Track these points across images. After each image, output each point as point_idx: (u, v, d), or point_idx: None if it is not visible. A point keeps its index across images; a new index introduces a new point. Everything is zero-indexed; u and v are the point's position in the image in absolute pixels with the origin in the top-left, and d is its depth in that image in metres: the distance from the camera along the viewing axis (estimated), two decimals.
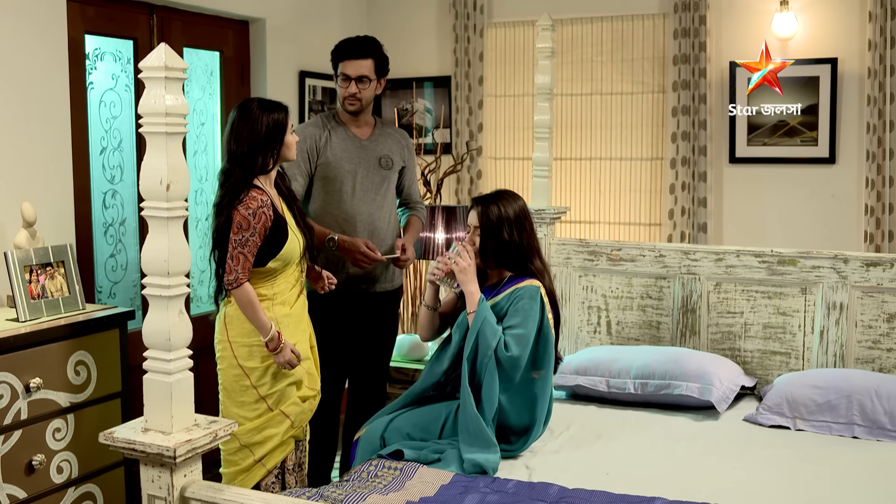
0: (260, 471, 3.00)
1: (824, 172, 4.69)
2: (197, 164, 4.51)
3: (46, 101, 3.51)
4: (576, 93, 5.21)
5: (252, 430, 2.98)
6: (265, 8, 4.70)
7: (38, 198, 3.43)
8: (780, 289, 3.81)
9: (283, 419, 3.01)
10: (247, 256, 2.93)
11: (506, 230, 3.06)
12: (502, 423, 2.98)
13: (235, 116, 3.05)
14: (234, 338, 2.99)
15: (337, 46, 3.66)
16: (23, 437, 2.93)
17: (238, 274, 2.91)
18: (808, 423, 3.32)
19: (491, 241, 3.08)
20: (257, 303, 2.94)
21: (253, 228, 2.92)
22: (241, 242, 2.92)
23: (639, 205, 5.14)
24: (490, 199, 3.12)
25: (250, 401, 2.99)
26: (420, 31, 5.51)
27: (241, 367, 2.98)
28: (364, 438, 3.04)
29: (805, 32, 4.65)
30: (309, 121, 3.81)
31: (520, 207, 3.12)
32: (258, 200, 2.93)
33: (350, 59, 3.59)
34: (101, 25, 3.86)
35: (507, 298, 3.05)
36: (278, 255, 2.99)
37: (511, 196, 3.15)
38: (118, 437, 2.07)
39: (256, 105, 3.06)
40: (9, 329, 2.93)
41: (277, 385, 3.00)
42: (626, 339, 4.10)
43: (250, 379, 2.98)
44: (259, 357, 2.98)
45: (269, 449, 3.00)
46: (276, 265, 3.01)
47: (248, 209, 2.91)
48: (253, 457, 2.98)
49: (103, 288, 4.00)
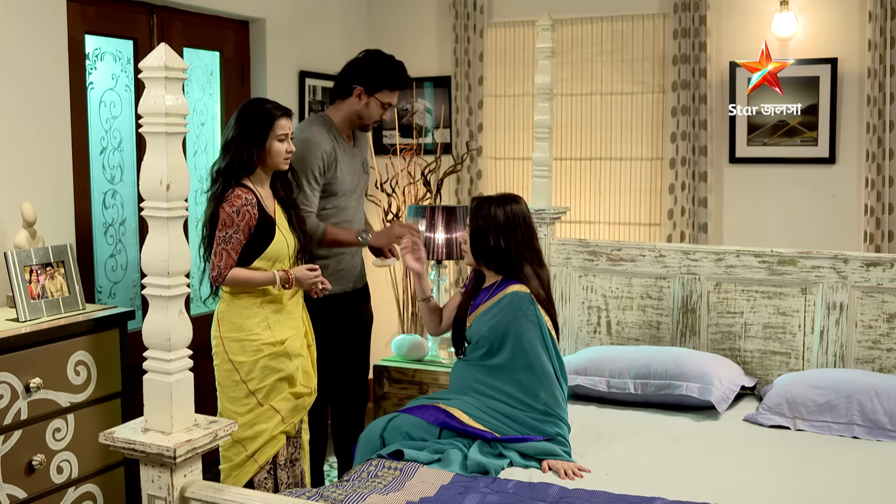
0: (252, 466, 3.03)
1: (824, 172, 4.69)
2: (197, 164, 4.51)
3: (46, 101, 3.51)
4: (576, 93, 5.21)
5: (243, 426, 3.02)
6: (265, 8, 4.70)
7: (38, 198, 3.43)
8: (780, 289, 3.80)
9: (274, 414, 3.05)
10: (230, 253, 2.98)
11: (491, 235, 3.05)
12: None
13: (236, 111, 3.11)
14: (225, 333, 3.04)
15: (392, 75, 3.56)
16: (23, 438, 2.93)
17: (221, 270, 2.98)
18: (808, 423, 3.32)
19: (477, 243, 3.09)
20: (249, 273, 3.00)
21: (237, 226, 2.96)
22: (225, 239, 2.97)
23: (639, 205, 5.14)
24: (485, 202, 3.11)
25: (241, 395, 3.04)
26: (420, 30, 5.51)
27: (231, 363, 3.04)
28: (364, 438, 3.04)
29: (805, 32, 4.65)
30: (316, 129, 3.57)
31: (513, 213, 3.07)
32: (242, 198, 2.97)
33: (401, 91, 3.63)
34: (101, 25, 3.86)
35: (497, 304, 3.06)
36: (263, 254, 3.03)
37: (510, 200, 3.11)
38: (118, 437, 2.07)
39: (258, 100, 3.13)
40: (9, 329, 2.93)
41: (266, 380, 3.04)
42: (626, 339, 4.10)
43: (240, 373, 3.03)
44: (248, 351, 3.03)
45: (260, 444, 3.04)
46: (262, 265, 3.05)
47: (233, 206, 2.96)
48: (245, 452, 3.02)
49: (103, 288, 4.00)
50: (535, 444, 2.92)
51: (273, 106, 3.08)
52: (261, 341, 3.05)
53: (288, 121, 3.11)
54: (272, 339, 3.07)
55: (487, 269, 3.15)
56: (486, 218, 3.06)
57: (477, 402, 3.01)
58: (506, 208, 3.07)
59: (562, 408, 3.01)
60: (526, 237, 3.09)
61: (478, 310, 3.13)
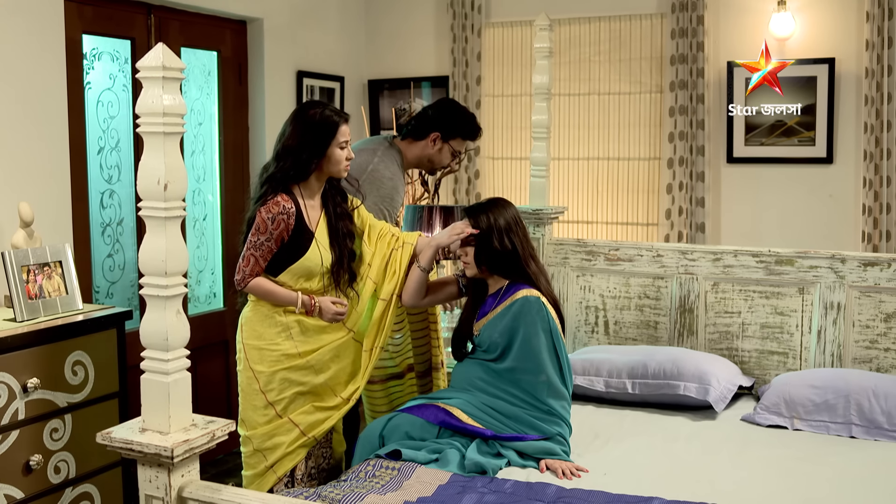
0: (271, 477, 2.96)
1: (822, 172, 4.70)
2: (194, 163, 4.51)
3: (44, 100, 3.50)
4: (573, 93, 5.21)
5: (263, 436, 2.95)
6: (263, 8, 4.70)
7: (36, 198, 3.43)
8: (778, 289, 3.81)
9: (292, 428, 2.96)
10: (258, 260, 2.88)
11: (495, 238, 3.05)
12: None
13: (291, 114, 2.98)
14: (247, 339, 2.96)
15: (471, 127, 3.60)
16: (20, 438, 2.93)
17: (245, 275, 2.89)
18: (806, 423, 3.33)
19: (483, 251, 3.08)
20: (273, 287, 2.90)
21: (270, 233, 2.85)
22: (256, 245, 2.88)
23: (636, 205, 5.14)
24: (479, 209, 3.11)
25: (260, 405, 2.95)
26: (418, 30, 5.51)
27: (252, 370, 2.95)
28: (363, 437, 3.03)
29: (802, 32, 4.66)
30: (395, 169, 3.57)
31: (510, 215, 3.09)
32: (280, 206, 2.85)
33: (472, 141, 3.65)
34: (99, 25, 3.86)
35: (507, 310, 3.04)
36: (291, 268, 2.91)
37: (501, 204, 3.12)
38: (116, 437, 2.07)
39: (316, 104, 2.99)
40: (6, 329, 2.92)
41: (285, 392, 2.95)
42: (624, 338, 4.10)
43: (259, 383, 2.95)
44: (267, 361, 2.93)
45: (279, 456, 2.96)
46: (288, 279, 2.93)
47: (270, 213, 2.85)
48: (265, 462, 2.95)
49: (101, 288, 4.00)
50: (533, 443, 2.92)
51: (333, 111, 2.95)
52: (280, 352, 2.93)
53: (348, 126, 2.99)
54: (293, 350, 2.95)
55: (493, 276, 3.14)
56: (488, 223, 3.06)
57: (477, 400, 3.01)
58: (501, 211, 3.08)
59: (565, 409, 3.02)
60: (524, 236, 3.11)
61: (486, 317, 3.11)
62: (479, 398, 3.01)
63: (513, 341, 3.00)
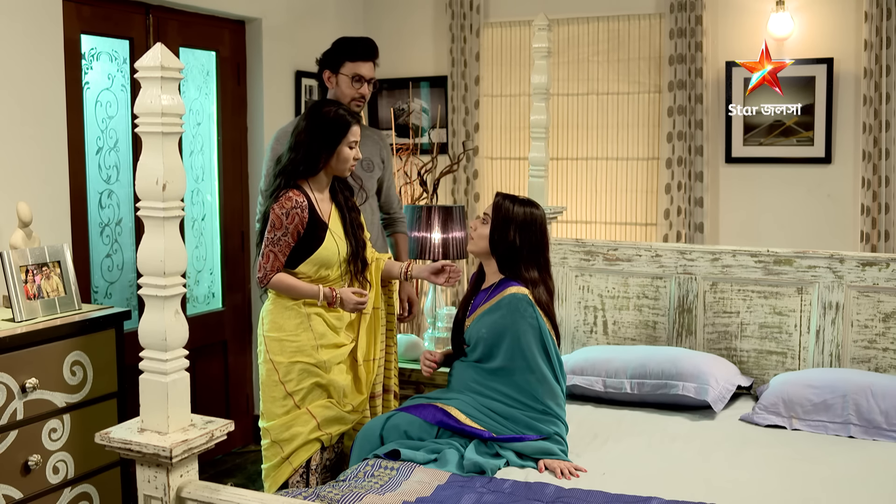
0: (287, 468, 3.04)
1: (820, 172, 4.70)
2: (193, 164, 4.51)
3: (42, 101, 3.50)
4: (572, 93, 5.22)
5: (280, 427, 3.02)
6: (261, 8, 4.70)
7: (34, 198, 3.42)
8: (777, 288, 3.81)
9: (310, 419, 3.04)
10: (277, 256, 2.99)
11: (513, 229, 3.09)
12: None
13: (306, 109, 3.10)
14: (268, 332, 3.05)
15: (349, 45, 3.55)
16: (19, 438, 2.93)
17: (267, 272, 2.99)
18: (805, 423, 3.33)
19: (496, 233, 3.11)
20: (295, 282, 3.00)
21: (285, 228, 2.97)
22: (274, 241, 2.98)
23: (635, 205, 5.14)
24: (509, 197, 3.16)
25: (279, 396, 3.03)
26: (416, 30, 5.51)
27: (271, 362, 3.03)
28: (361, 436, 3.04)
29: (801, 32, 4.66)
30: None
31: (533, 216, 3.12)
32: (293, 200, 2.97)
33: (366, 61, 3.56)
34: (97, 25, 3.86)
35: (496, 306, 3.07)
36: (310, 258, 3.02)
37: (531, 204, 3.16)
38: (114, 437, 2.07)
39: (331, 103, 3.13)
40: (5, 329, 2.92)
41: (304, 383, 3.03)
42: (623, 338, 4.10)
43: (278, 374, 3.02)
44: (287, 352, 3.02)
45: (295, 447, 3.03)
46: (307, 269, 3.03)
47: (283, 208, 2.97)
48: (282, 453, 3.02)
49: (99, 288, 4.00)
50: (531, 443, 2.92)
51: (346, 112, 3.09)
52: (299, 343, 3.02)
53: (359, 128, 3.12)
54: (312, 342, 3.03)
55: (491, 264, 3.16)
56: (510, 212, 3.11)
57: (474, 401, 3.02)
58: (527, 210, 3.14)
59: (561, 407, 3.02)
60: (540, 242, 3.14)
61: (477, 311, 3.14)
62: (476, 399, 3.03)
63: (501, 339, 3.01)
